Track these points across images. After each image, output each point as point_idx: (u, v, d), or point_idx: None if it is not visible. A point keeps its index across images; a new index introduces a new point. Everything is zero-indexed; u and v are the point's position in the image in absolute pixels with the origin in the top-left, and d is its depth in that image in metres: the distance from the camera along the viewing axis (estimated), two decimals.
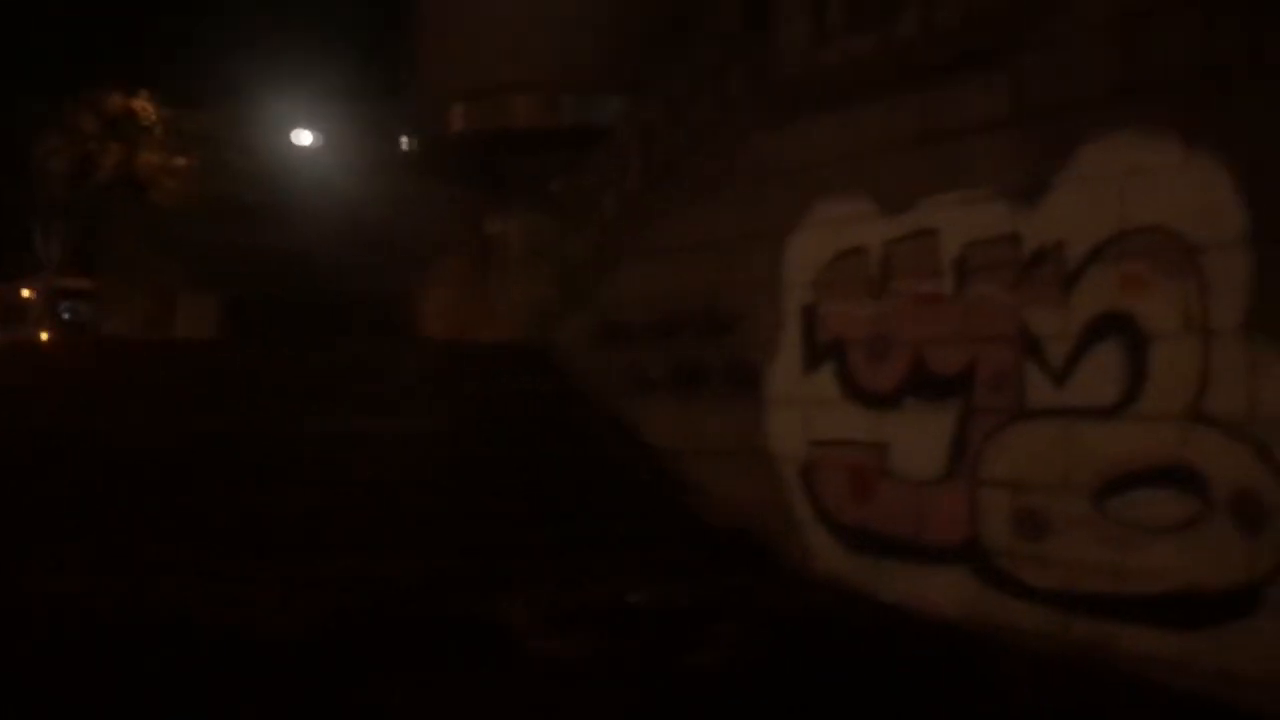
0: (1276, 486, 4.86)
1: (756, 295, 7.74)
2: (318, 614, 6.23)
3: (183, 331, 16.64)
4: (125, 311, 19.20)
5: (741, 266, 7.90)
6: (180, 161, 22.21)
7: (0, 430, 8.68)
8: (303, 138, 24.66)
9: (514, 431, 8.56)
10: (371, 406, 8.51)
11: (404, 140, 17.84)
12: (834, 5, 7.36)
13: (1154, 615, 5.30)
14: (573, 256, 9.79)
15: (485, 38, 16.00)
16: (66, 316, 23.57)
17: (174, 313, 17.30)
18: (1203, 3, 5.21)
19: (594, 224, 9.58)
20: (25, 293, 25.79)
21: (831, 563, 7.07)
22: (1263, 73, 4.98)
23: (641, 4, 14.45)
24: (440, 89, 16.50)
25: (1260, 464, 4.91)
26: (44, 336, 21.13)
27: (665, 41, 12.46)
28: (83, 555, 6.93)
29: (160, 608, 6.37)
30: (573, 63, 15.37)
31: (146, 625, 6.10)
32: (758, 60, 7.93)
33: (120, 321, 18.83)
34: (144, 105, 22.76)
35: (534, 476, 7.99)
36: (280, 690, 5.22)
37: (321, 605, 6.35)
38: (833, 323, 7.10)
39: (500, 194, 16.87)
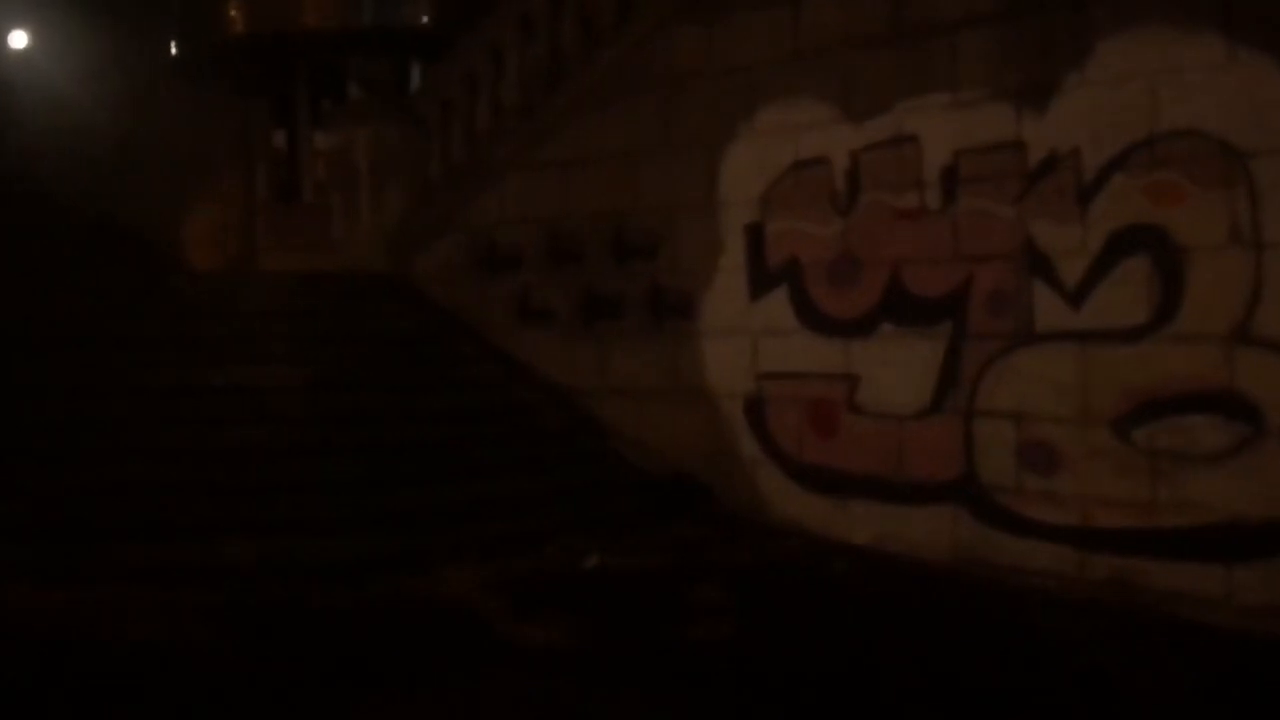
0: None
1: (682, 214, 6.93)
2: (214, 614, 5.06)
3: None
4: None
5: (660, 181, 7.05)
6: None
7: None
8: (16, 40, 21.52)
9: (393, 376, 7.43)
10: (221, 354, 7.15)
11: (170, 44, 15.58)
12: None
13: (1190, 550, 4.97)
14: (436, 172, 8.61)
15: None
16: None
17: None
18: None
19: (461, 135, 8.43)
20: None
21: (787, 505, 6.47)
22: None
23: None
24: None
25: None
26: None
27: None
28: None
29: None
30: None
31: None
32: None
33: None
34: None
35: (433, 429, 6.94)
36: None
37: (217, 601, 5.18)
38: (786, 243, 6.40)
39: (291, 103, 15.14)
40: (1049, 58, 5.32)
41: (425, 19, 13.77)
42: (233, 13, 14.26)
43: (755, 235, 6.55)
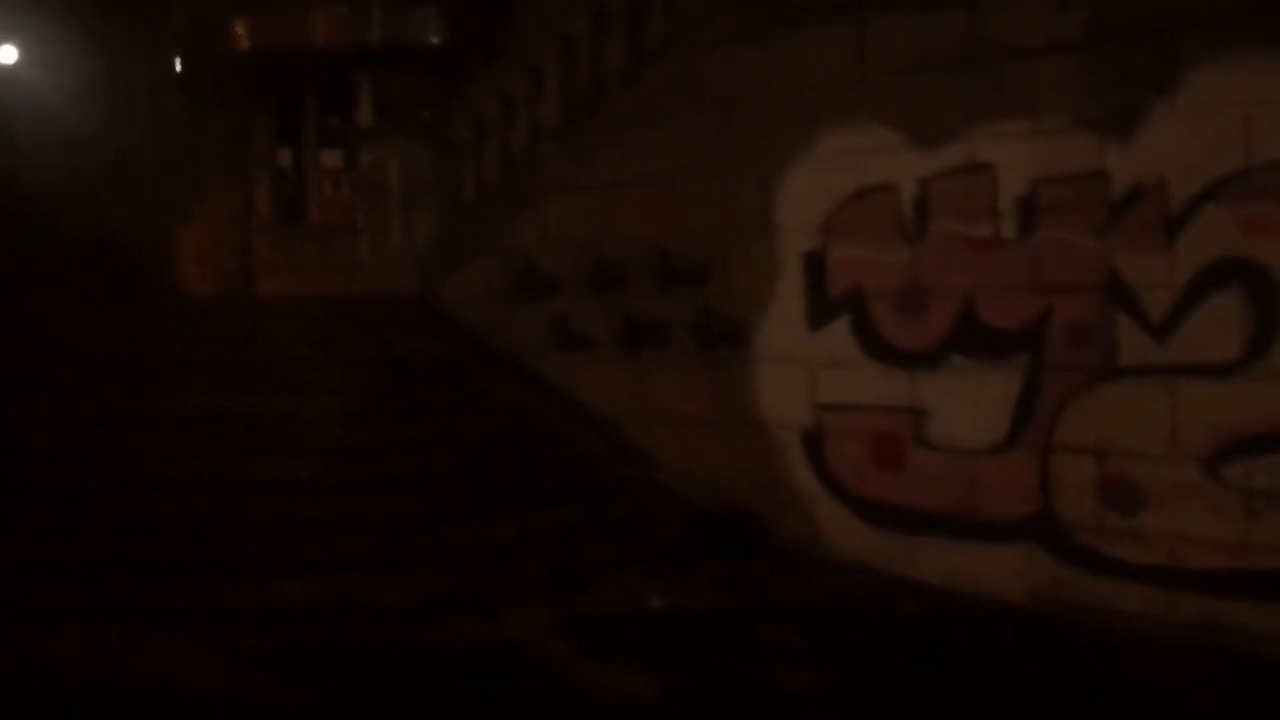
0: None
1: (735, 239, 6.76)
2: (271, 660, 4.82)
3: None
4: None
5: (711, 205, 6.88)
6: None
7: None
8: (4, 54, 21.16)
9: (430, 404, 7.21)
10: (255, 381, 6.92)
11: (173, 60, 15.30)
12: None
13: None
14: (469, 195, 8.41)
15: None
16: None
17: None
18: None
19: (497, 156, 8.23)
20: None
21: (847, 540, 6.28)
22: None
23: None
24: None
25: None
26: None
27: None
28: None
29: (51, 667, 4.75)
30: None
31: (43, 693, 4.51)
32: None
33: None
34: None
35: (475, 458, 6.73)
36: None
37: (272, 646, 4.94)
38: (849, 271, 6.23)
39: (298, 121, 14.90)
40: (1135, 86, 5.18)
41: (436, 38, 13.60)
42: (239, 29, 14.02)
43: (815, 262, 6.38)
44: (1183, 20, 5.05)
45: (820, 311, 6.36)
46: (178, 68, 14.93)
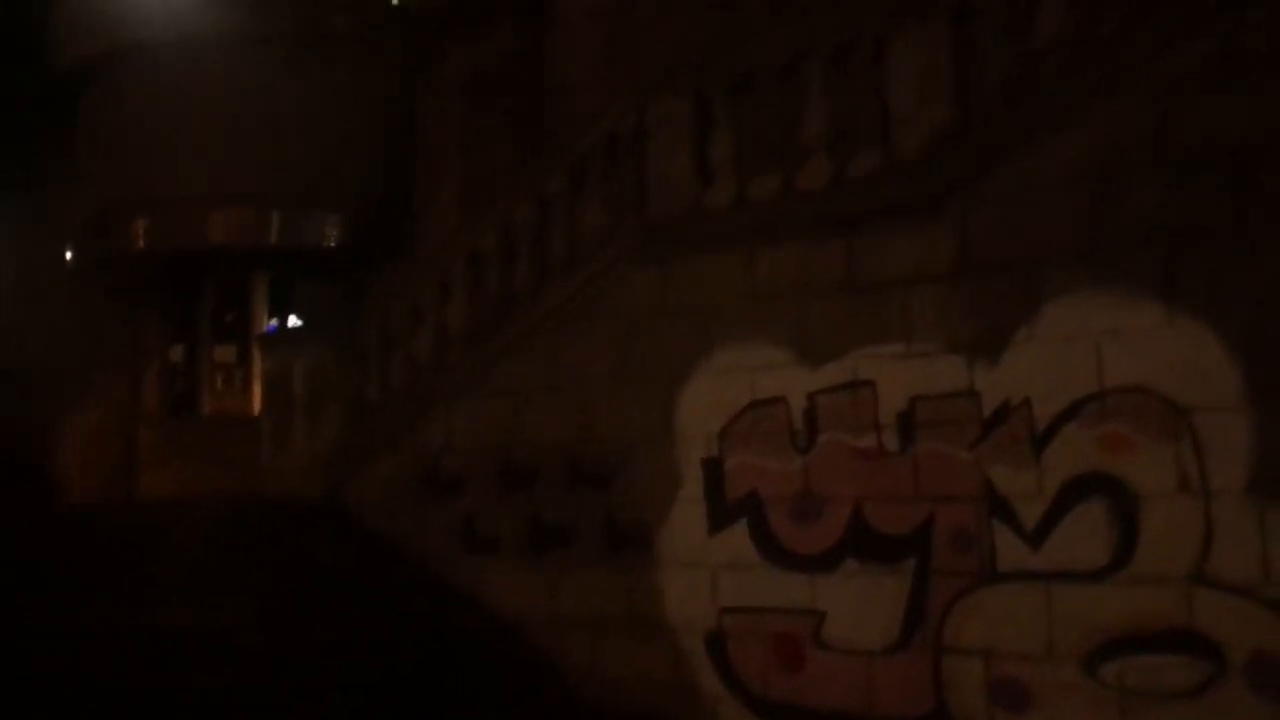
0: None
1: (638, 446, 7.08)
2: None
3: None
4: None
5: (616, 413, 7.22)
6: None
7: None
8: None
9: (340, 612, 7.24)
10: (163, 591, 6.88)
11: (67, 251, 15.30)
12: (718, 143, 7.03)
13: None
14: (374, 398, 8.62)
15: (172, 141, 14.13)
16: None
17: None
18: (1177, 164, 5.33)
19: (402, 362, 8.49)
20: None
21: None
22: (1245, 233, 5.14)
23: (371, 114, 13.44)
24: (112, 197, 14.33)
25: None
26: None
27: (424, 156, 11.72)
28: None
29: None
30: (281, 174, 13.90)
31: None
32: (625, 193, 7.40)
33: None
34: None
35: (383, 666, 6.75)
36: None
37: None
38: (746, 478, 6.59)
39: (192, 317, 14.99)
40: (999, 314, 5.75)
41: (334, 240, 13.97)
42: (137, 228, 14.17)
43: (713, 469, 6.73)
44: (1039, 258, 5.68)
45: (719, 516, 6.68)
46: (69, 258, 14.93)
